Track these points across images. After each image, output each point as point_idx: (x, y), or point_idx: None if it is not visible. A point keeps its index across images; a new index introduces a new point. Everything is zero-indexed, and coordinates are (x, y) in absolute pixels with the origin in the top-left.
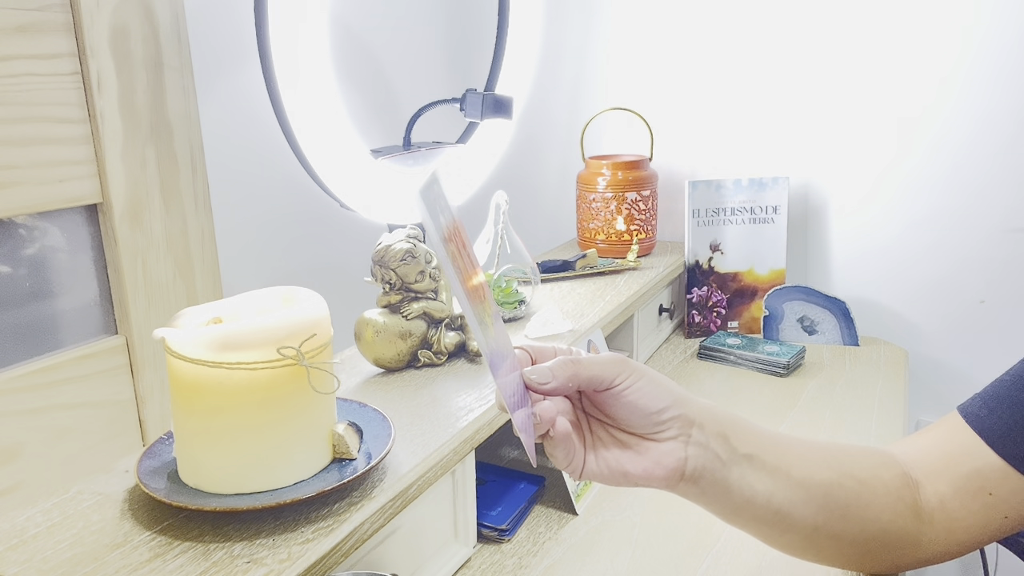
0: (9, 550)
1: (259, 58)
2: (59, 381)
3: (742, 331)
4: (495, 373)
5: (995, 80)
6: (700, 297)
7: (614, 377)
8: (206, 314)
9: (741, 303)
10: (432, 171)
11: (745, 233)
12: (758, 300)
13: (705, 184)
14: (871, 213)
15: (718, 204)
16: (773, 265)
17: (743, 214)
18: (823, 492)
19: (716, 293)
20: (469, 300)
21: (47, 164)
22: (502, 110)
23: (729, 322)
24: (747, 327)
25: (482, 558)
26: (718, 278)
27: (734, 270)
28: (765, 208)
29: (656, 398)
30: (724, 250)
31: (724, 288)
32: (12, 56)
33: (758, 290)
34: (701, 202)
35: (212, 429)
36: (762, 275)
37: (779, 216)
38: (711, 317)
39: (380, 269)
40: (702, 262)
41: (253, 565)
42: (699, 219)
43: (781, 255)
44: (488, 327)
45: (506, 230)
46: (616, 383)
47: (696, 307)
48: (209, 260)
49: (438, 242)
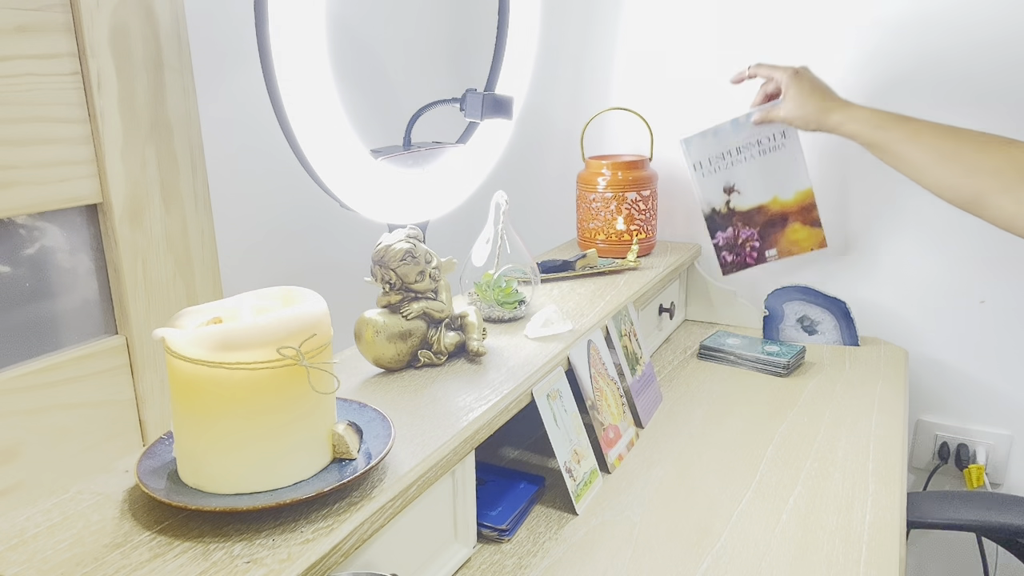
0: (9, 550)
1: (259, 58)
2: (59, 381)
3: (783, 255)
4: None
5: (995, 79)
6: (727, 239)
7: None
8: (206, 314)
9: (774, 231)
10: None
11: (758, 167)
12: (793, 224)
13: (700, 137)
14: (871, 213)
15: (721, 149)
16: (798, 187)
17: (750, 150)
18: None
19: (744, 230)
20: None
21: (47, 164)
22: (502, 110)
23: (767, 251)
24: (787, 250)
25: (482, 558)
26: (742, 216)
27: (756, 204)
28: (772, 136)
29: None
30: (740, 189)
31: (751, 223)
32: (12, 56)
33: (789, 215)
34: (702, 154)
35: (212, 429)
36: (788, 200)
37: (789, 139)
38: (746, 252)
39: (380, 269)
40: (719, 207)
41: (253, 565)
42: (704, 170)
43: (803, 175)
44: None
45: (506, 230)
46: None
47: (725, 248)
48: (209, 260)
49: None
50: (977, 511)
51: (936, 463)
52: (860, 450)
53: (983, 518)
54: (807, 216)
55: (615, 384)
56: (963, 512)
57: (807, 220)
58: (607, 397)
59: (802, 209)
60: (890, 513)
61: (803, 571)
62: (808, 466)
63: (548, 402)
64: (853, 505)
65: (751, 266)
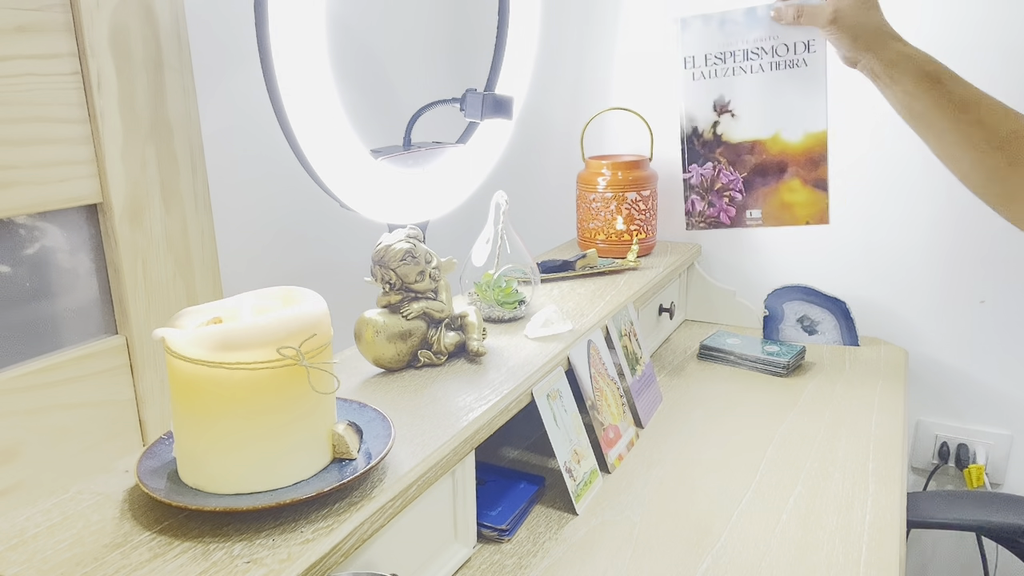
0: (9, 550)
1: (259, 58)
2: (59, 381)
3: (768, 222)
4: None
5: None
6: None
7: None
8: (206, 314)
9: (764, 184)
10: None
11: (765, 84)
12: (791, 179)
13: (703, 20)
14: (871, 213)
15: (723, 47)
16: (810, 127)
17: (760, 58)
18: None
19: (727, 172)
20: None
21: (47, 164)
22: (502, 110)
23: (749, 211)
24: (776, 216)
25: (482, 558)
26: (728, 151)
27: (752, 138)
28: (793, 47)
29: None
30: (736, 111)
31: (738, 164)
32: (12, 56)
33: (788, 165)
34: (698, 45)
35: (212, 429)
36: (793, 142)
37: (815, 55)
38: (721, 204)
39: (380, 269)
40: (703, 129)
41: (253, 565)
42: (696, 70)
43: (820, 110)
44: None
45: (506, 230)
46: None
47: (698, 191)
48: (209, 260)
49: None
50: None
51: (936, 463)
52: (860, 450)
53: (983, 518)
54: (812, 172)
55: (615, 384)
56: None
57: (811, 178)
58: (607, 397)
59: (809, 160)
60: (890, 513)
61: (803, 571)
62: (808, 466)
63: (548, 402)
64: (853, 505)
65: (724, 226)
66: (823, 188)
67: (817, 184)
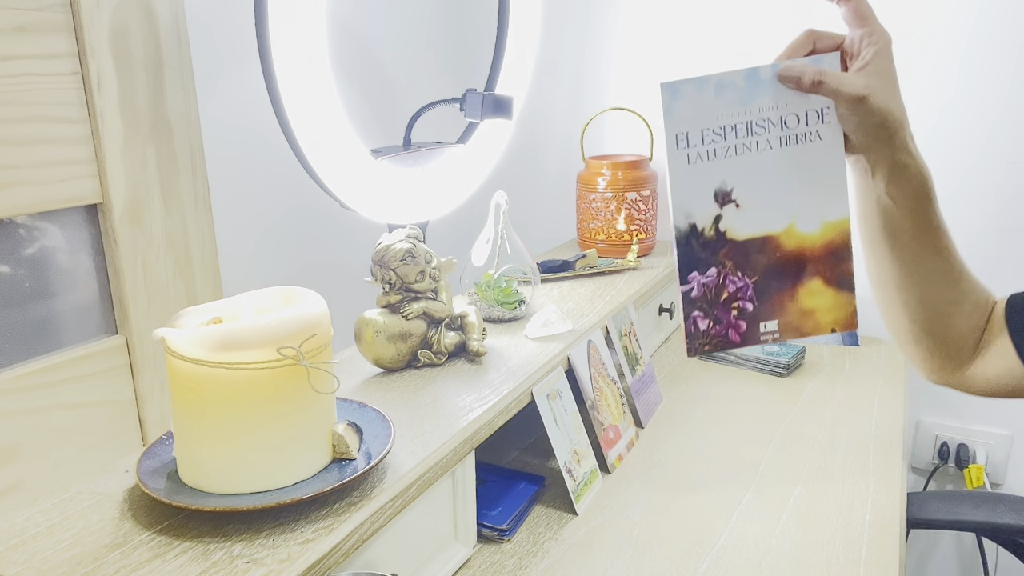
0: (9, 550)
1: (259, 58)
2: (59, 381)
3: (787, 334)
4: None
5: (995, 80)
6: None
7: None
8: (206, 314)
9: (780, 288)
10: None
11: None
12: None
13: (696, 86)
14: None
15: (722, 119)
16: (828, 214)
17: (768, 131)
18: (948, 266)
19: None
20: None
21: (47, 164)
22: (502, 110)
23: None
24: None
25: (482, 558)
26: (735, 251)
27: (762, 232)
28: (804, 117)
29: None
30: (741, 200)
31: (747, 267)
32: (12, 56)
33: (807, 262)
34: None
35: (212, 429)
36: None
37: (829, 127)
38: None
39: (380, 269)
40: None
41: (253, 565)
42: (692, 150)
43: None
44: None
45: (506, 230)
46: None
47: (700, 305)
48: (209, 260)
49: None
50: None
51: (936, 463)
52: (860, 450)
53: (983, 518)
54: (835, 268)
55: (615, 384)
56: (963, 512)
57: (833, 276)
58: (607, 397)
59: (831, 254)
60: (890, 513)
61: (803, 571)
62: (808, 466)
63: (548, 402)
64: (853, 505)
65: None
66: (848, 287)
67: (842, 283)
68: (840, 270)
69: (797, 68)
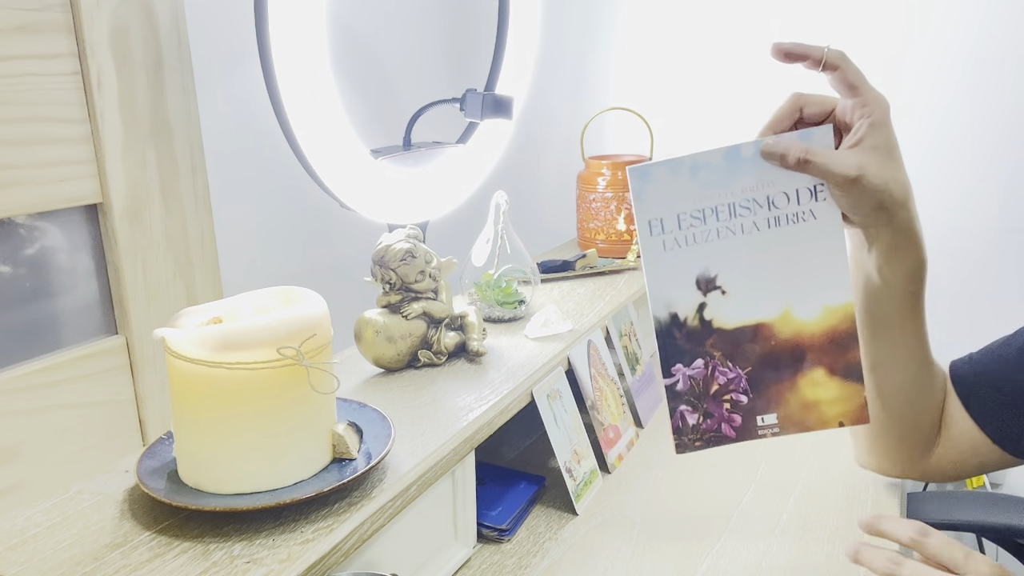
0: (9, 550)
1: (259, 58)
2: (59, 381)
3: (787, 428)
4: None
5: (995, 81)
6: (693, 381)
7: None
8: (206, 314)
9: (777, 379)
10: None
11: (764, 248)
12: (812, 369)
13: (668, 168)
14: None
15: (701, 202)
16: (830, 299)
17: (753, 213)
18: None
19: (724, 368)
20: None
21: (47, 164)
22: (502, 110)
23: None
24: (797, 420)
25: (482, 558)
26: (723, 340)
27: (753, 320)
28: (795, 195)
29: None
30: (727, 286)
31: (738, 356)
32: (12, 56)
33: (806, 351)
34: (665, 203)
35: (212, 429)
36: (811, 319)
37: (825, 204)
38: (721, 412)
39: (380, 269)
40: (685, 316)
41: (253, 565)
42: (667, 236)
43: (841, 279)
44: None
45: (506, 230)
46: None
47: (687, 398)
48: (209, 260)
49: None
50: (977, 511)
51: None
52: None
53: (983, 518)
54: (840, 357)
55: (615, 384)
56: (963, 512)
57: (838, 365)
58: (607, 397)
59: (832, 342)
60: (890, 513)
61: (803, 571)
62: (808, 466)
63: (548, 402)
64: (853, 505)
65: (730, 441)
66: (856, 378)
67: (848, 373)
68: (846, 359)
69: (781, 145)
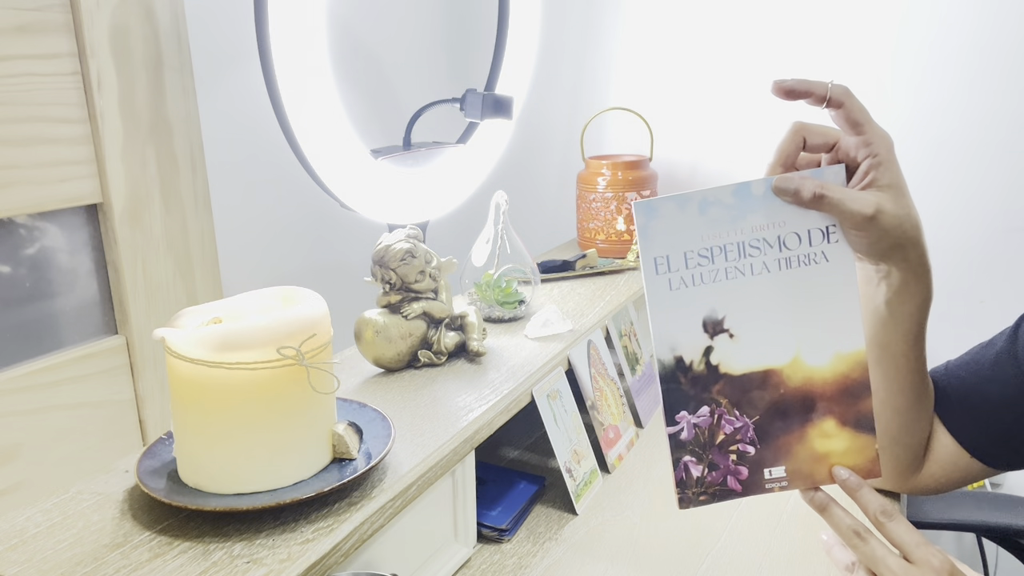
0: (9, 550)
1: (259, 58)
2: (59, 381)
3: (796, 483)
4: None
5: (995, 81)
6: (698, 430)
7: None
8: (206, 314)
9: (786, 429)
10: None
11: (774, 290)
12: (823, 419)
13: (676, 204)
14: None
15: (709, 240)
16: (841, 346)
17: (764, 253)
18: (920, 389)
19: (731, 417)
20: None
21: (47, 164)
22: (502, 110)
23: (767, 469)
24: (806, 474)
25: (482, 558)
26: (730, 387)
27: (762, 366)
28: (807, 236)
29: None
30: (735, 330)
31: (746, 404)
32: (12, 56)
33: (816, 400)
34: (672, 240)
35: (212, 429)
36: (821, 366)
37: (837, 247)
38: (727, 464)
39: (380, 269)
40: (691, 360)
41: (253, 565)
42: (673, 275)
43: (853, 324)
44: None
45: (506, 230)
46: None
47: (691, 448)
48: (209, 260)
49: None
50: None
51: None
52: None
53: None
54: (851, 407)
55: (615, 384)
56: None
57: (850, 416)
58: (607, 397)
59: (844, 390)
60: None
61: (803, 571)
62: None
63: (548, 402)
64: (854, 505)
65: (736, 495)
66: (868, 429)
67: (860, 424)
68: (857, 409)
69: (795, 181)
